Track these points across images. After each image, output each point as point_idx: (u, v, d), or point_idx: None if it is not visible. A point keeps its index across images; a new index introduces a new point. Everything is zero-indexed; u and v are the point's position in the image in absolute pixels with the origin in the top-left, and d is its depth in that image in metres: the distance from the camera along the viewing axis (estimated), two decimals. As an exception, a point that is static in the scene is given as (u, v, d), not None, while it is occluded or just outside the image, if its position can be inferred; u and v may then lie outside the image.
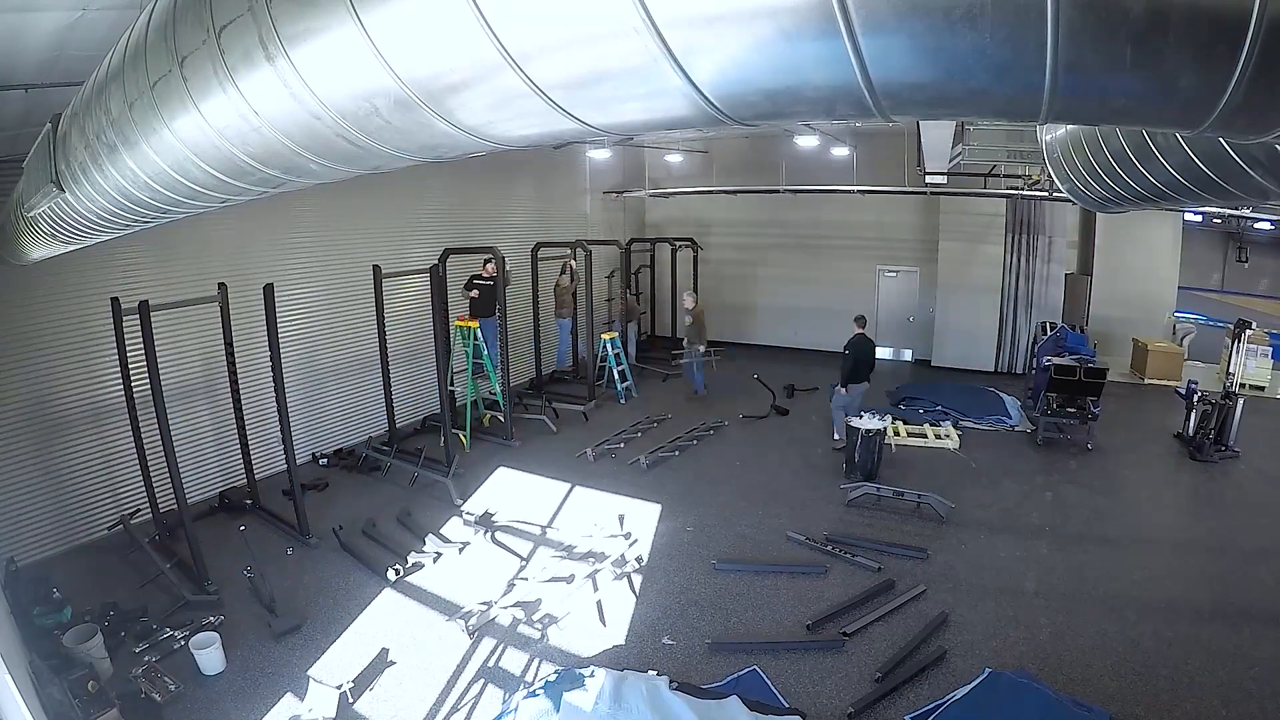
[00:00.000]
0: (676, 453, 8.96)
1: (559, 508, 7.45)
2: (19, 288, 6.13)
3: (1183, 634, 5.10)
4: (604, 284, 13.69)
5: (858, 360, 8.71)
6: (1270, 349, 11.14)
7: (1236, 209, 11.74)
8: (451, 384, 9.30)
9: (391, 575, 5.96)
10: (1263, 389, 11.02)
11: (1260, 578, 5.88)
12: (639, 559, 6.24)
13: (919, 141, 9.53)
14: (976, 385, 11.61)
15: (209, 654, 4.81)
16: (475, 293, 10.00)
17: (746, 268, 15.29)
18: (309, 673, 4.74)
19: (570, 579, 5.92)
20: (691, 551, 6.45)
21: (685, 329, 11.81)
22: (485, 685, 4.73)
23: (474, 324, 9.40)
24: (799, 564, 6.18)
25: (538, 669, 4.86)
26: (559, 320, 12.22)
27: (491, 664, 4.96)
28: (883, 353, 14.45)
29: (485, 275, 9.92)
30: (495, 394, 9.66)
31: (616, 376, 11.53)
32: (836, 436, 9.01)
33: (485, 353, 9.41)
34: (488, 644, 5.17)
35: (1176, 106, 0.90)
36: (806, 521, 6.93)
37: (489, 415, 9.92)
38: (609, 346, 11.44)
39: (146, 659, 4.87)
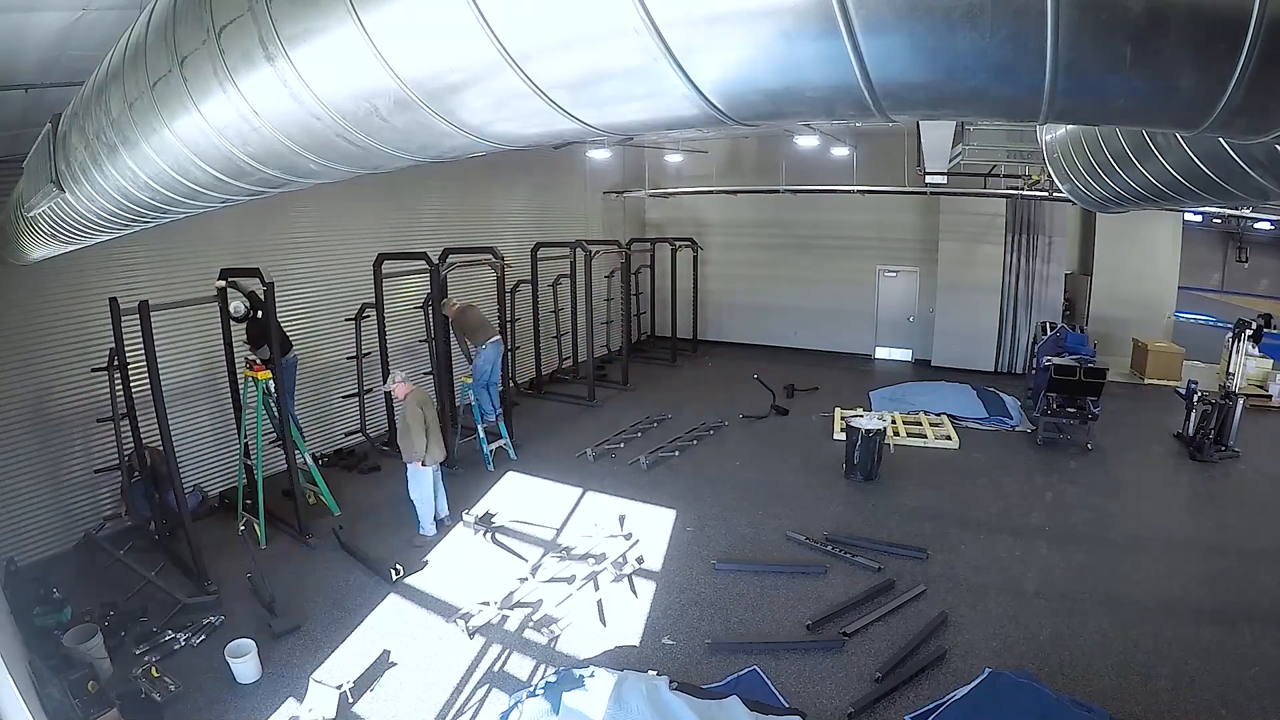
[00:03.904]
0: (676, 453, 8.95)
1: (567, 510, 7.44)
2: (19, 288, 6.13)
3: (1183, 634, 5.10)
4: (604, 283, 13.73)
5: None
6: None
7: (1236, 209, 11.73)
8: (248, 455, 6.97)
9: (394, 575, 5.95)
10: (1267, 394, 10.97)
11: (1260, 578, 5.88)
12: (639, 559, 6.24)
13: (919, 141, 9.52)
14: (955, 384, 11.63)
15: (245, 664, 4.66)
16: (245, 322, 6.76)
17: (746, 268, 15.29)
18: (311, 676, 4.73)
19: (571, 579, 5.92)
20: (691, 551, 6.44)
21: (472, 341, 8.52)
22: (485, 686, 4.73)
23: (265, 374, 6.64)
24: (799, 564, 6.18)
25: (538, 670, 4.86)
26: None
27: (491, 665, 4.95)
28: (882, 353, 14.53)
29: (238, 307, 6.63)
30: (305, 461, 7.27)
31: (483, 434, 8.46)
32: None
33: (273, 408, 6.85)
34: (487, 645, 5.17)
35: (1176, 106, 0.90)
36: (806, 521, 6.93)
37: (310, 491, 7.34)
38: (471, 393, 8.53)
39: (147, 659, 4.87)
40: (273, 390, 6.69)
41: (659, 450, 8.90)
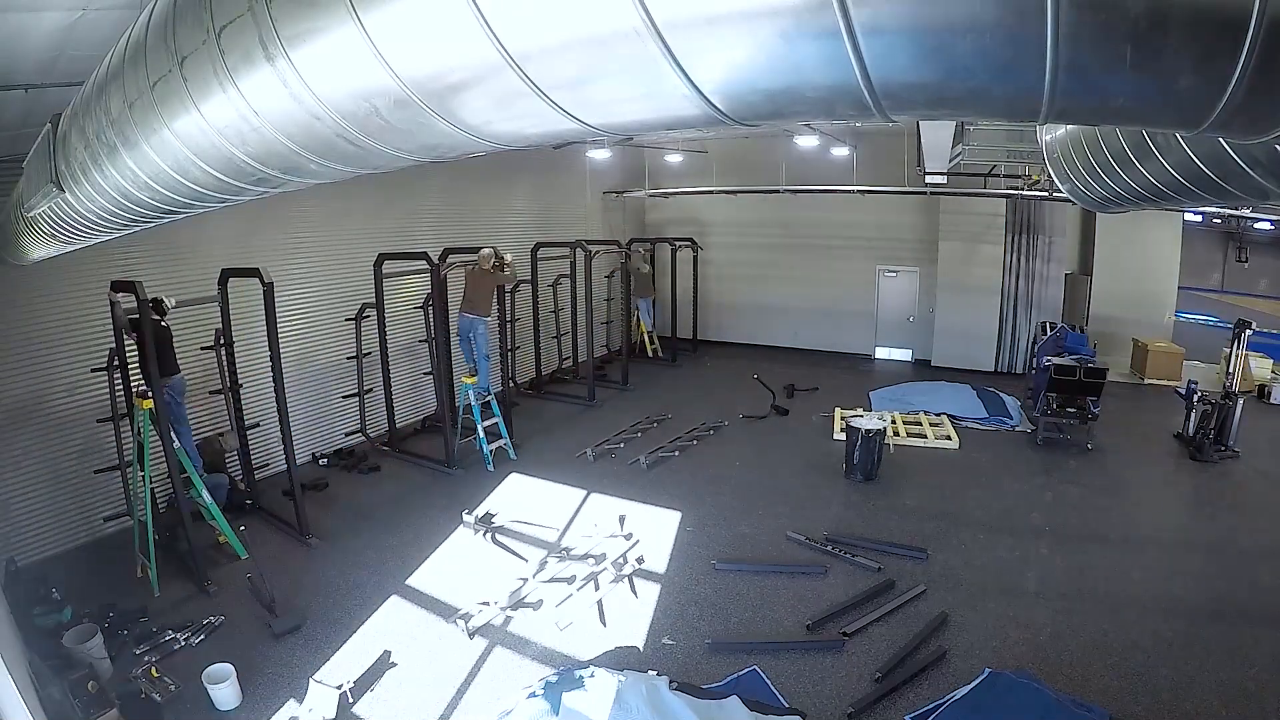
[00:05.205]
0: (676, 453, 8.96)
1: (567, 510, 7.44)
2: (19, 288, 6.13)
3: (1183, 634, 5.10)
4: (604, 283, 13.75)
5: None
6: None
7: (1236, 209, 11.73)
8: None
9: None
10: (1266, 393, 11.00)
11: (1260, 578, 5.88)
12: (639, 560, 6.24)
13: (919, 141, 9.52)
14: (955, 384, 11.64)
15: (224, 690, 4.45)
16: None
17: (746, 268, 15.30)
18: (311, 676, 4.73)
19: (571, 580, 5.92)
20: (691, 551, 6.44)
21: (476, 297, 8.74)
22: (485, 686, 4.73)
23: (148, 404, 5.85)
24: (799, 564, 6.18)
25: (538, 670, 4.86)
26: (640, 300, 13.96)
27: (491, 665, 4.95)
28: (882, 353, 14.53)
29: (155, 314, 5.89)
30: (202, 502, 6.27)
31: (483, 435, 8.54)
32: None
33: (177, 445, 6.01)
34: (488, 645, 5.17)
35: (1176, 106, 0.90)
36: (806, 521, 6.93)
37: (141, 562, 6.06)
38: (471, 394, 8.51)
39: (147, 659, 4.87)
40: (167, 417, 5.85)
41: (659, 450, 8.90)
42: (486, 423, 8.52)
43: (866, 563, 6.09)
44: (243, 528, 6.37)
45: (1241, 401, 8.71)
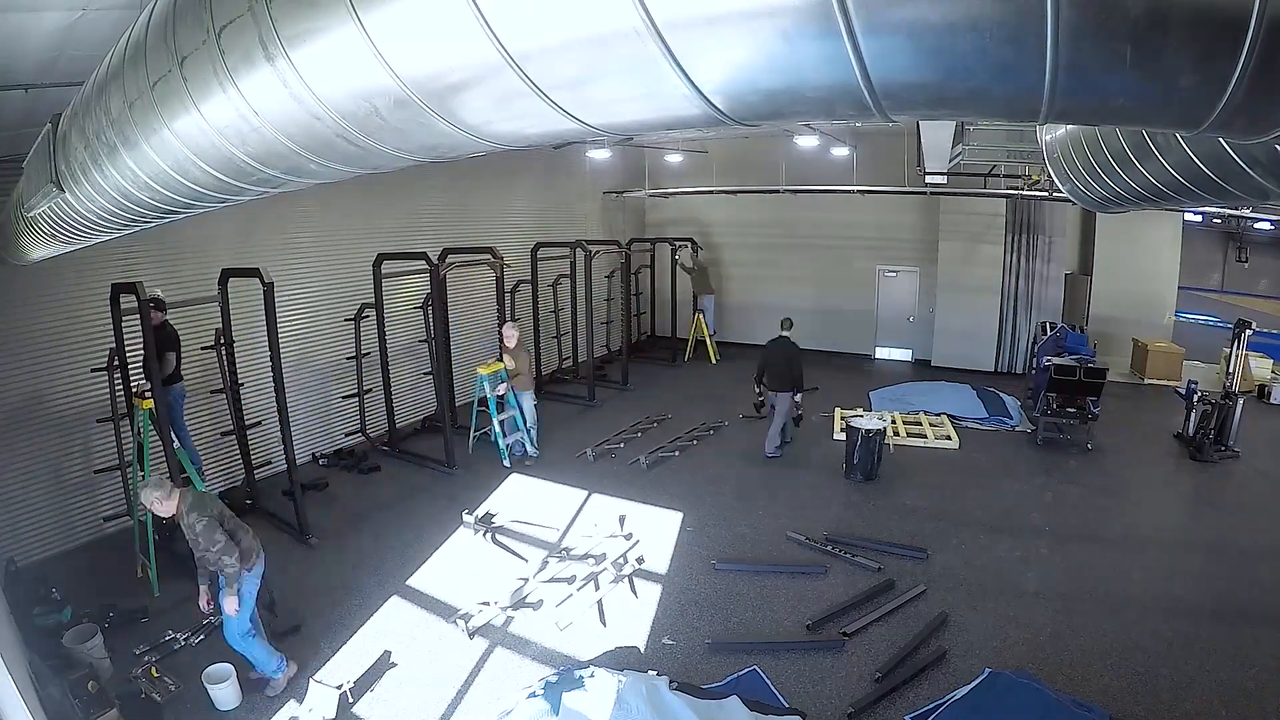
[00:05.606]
0: (676, 453, 8.96)
1: (567, 510, 7.43)
2: (19, 287, 6.13)
3: (1183, 634, 5.10)
4: (604, 283, 13.74)
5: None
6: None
7: (1236, 209, 11.73)
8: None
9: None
10: (1266, 393, 11.02)
11: (1260, 578, 5.88)
12: (639, 560, 6.24)
13: (919, 141, 9.51)
14: (955, 384, 11.63)
15: (224, 690, 4.46)
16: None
17: (746, 268, 15.30)
18: (311, 676, 4.73)
19: (571, 580, 5.92)
20: (691, 551, 6.45)
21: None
22: (485, 686, 4.73)
23: (148, 404, 5.73)
24: (799, 564, 6.18)
25: (538, 670, 4.86)
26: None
27: (491, 665, 4.96)
28: (882, 353, 14.53)
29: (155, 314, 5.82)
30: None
31: (498, 429, 8.46)
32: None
33: (177, 445, 5.92)
34: (488, 645, 5.17)
35: (1176, 106, 0.89)
36: (806, 521, 6.93)
37: (141, 562, 5.96)
38: (486, 385, 8.43)
39: (147, 659, 4.87)
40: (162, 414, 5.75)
41: (659, 450, 8.90)
42: (502, 416, 8.50)
43: (866, 563, 6.09)
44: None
45: (1241, 401, 8.72)
